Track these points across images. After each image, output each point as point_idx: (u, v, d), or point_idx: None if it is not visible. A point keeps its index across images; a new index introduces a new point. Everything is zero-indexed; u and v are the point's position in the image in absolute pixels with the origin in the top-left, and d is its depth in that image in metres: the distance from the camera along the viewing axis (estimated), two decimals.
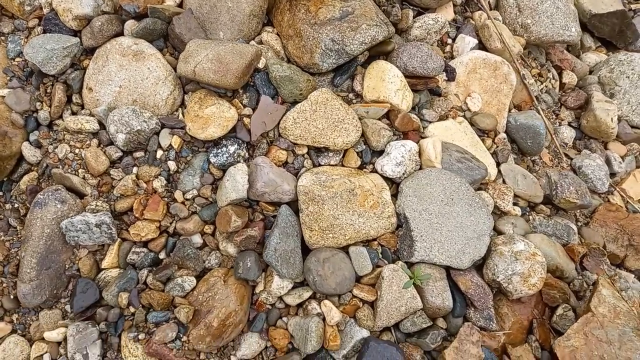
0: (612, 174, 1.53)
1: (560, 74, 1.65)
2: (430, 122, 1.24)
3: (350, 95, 1.22)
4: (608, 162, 1.52)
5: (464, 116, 1.31)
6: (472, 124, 1.30)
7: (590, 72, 1.73)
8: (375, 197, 1.07)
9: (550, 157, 1.46)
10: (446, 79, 1.30)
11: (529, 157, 1.39)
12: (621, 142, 1.61)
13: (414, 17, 1.31)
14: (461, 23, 1.43)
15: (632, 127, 1.62)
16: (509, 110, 1.38)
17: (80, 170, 1.06)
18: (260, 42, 1.21)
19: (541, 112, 1.43)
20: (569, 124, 1.57)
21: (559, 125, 1.54)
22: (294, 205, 1.07)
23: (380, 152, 1.15)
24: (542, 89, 1.56)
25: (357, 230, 1.05)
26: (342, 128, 1.10)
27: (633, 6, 2.03)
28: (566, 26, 1.52)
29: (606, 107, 1.51)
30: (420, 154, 1.14)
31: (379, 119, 1.17)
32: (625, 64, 1.66)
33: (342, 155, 1.13)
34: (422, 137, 1.20)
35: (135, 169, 1.07)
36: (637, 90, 1.63)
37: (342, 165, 1.13)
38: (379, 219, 1.07)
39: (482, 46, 1.41)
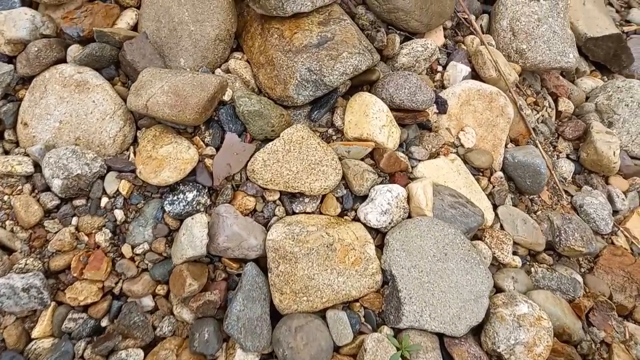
0: (615, 211, 1.40)
1: (556, 101, 1.53)
2: (419, 160, 1.10)
3: (330, 130, 1.08)
4: (610, 199, 1.39)
5: (456, 153, 1.18)
6: (465, 162, 1.17)
7: (587, 99, 1.63)
8: (357, 253, 0.93)
9: (549, 194, 1.33)
10: (437, 111, 1.17)
11: (527, 197, 1.26)
12: (622, 176, 1.49)
13: (400, 43, 1.18)
14: (452, 49, 1.31)
15: (632, 157, 1.51)
16: (506, 145, 1.25)
17: (8, 222, 0.89)
18: (228, 71, 1.07)
19: (540, 147, 1.30)
20: (568, 157, 1.45)
21: (557, 158, 1.42)
22: (263, 261, 0.92)
23: (364, 198, 1.01)
24: (538, 118, 1.44)
25: (336, 291, 0.90)
26: (319, 171, 0.95)
27: (625, 28, 1.95)
28: (564, 52, 1.41)
29: (607, 139, 1.40)
30: (408, 199, 1.00)
31: (362, 159, 1.03)
32: (623, 91, 1.55)
33: (319, 201, 0.98)
34: (411, 179, 1.06)
35: (74, 220, 0.91)
36: (637, 118, 1.52)
37: (320, 213, 0.99)
38: (361, 277, 0.92)
39: (475, 74, 1.28)
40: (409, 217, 1.00)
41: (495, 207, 1.14)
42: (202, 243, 0.87)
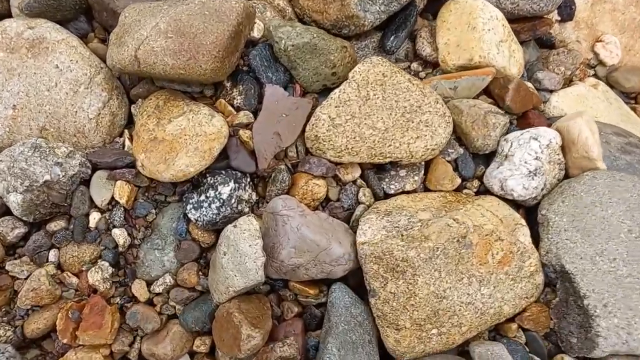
0: None
1: None
2: (552, 90, 0.73)
3: (414, 65, 0.71)
4: None
5: (595, 75, 0.80)
6: (610, 86, 0.80)
7: None
8: (506, 244, 0.57)
9: None
10: (559, 18, 0.79)
11: None
12: None
13: None
14: None
15: None
16: None
17: None
18: None
19: None
20: None
21: None
22: (355, 278, 0.57)
23: (488, 157, 0.65)
24: None
25: (481, 311, 0.55)
26: (420, 122, 0.59)
27: None
28: None
29: None
30: (562, 148, 0.63)
31: (476, 97, 0.67)
32: None
33: (422, 171, 0.62)
34: (548, 119, 0.69)
35: (53, 254, 0.58)
36: None
37: (427, 190, 0.63)
38: (514, 283, 0.57)
39: None
40: (566, 176, 0.64)
41: None
42: (257, 264, 0.53)
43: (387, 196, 0.62)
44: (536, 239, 0.60)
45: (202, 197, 0.58)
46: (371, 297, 0.54)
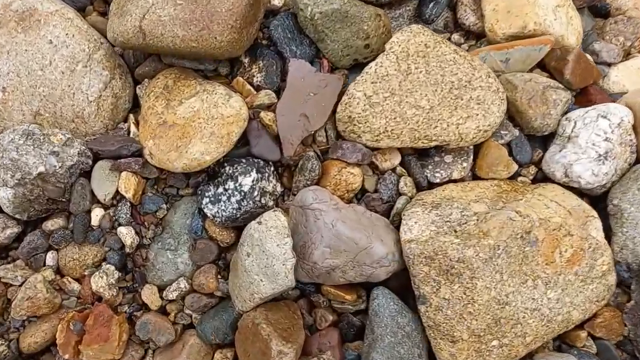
0: None
1: None
2: (610, 64, 0.64)
3: (455, 36, 0.63)
4: None
5: None
6: None
7: None
8: (575, 240, 0.48)
9: None
10: None
11: None
12: None
13: None
14: None
15: None
16: None
17: None
18: None
19: None
20: None
21: None
22: (399, 282, 0.50)
23: (544, 139, 0.56)
24: None
25: (548, 318, 0.47)
26: (470, 99, 0.51)
27: None
28: None
29: None
30: (634, 128, 0.54)
31: (530, 70, 0.58)
32: None
33: (472, 157, 0.54)
34: (610, 95, 0.61)
35: (51, 257, 0.51)
36: None
37: (477, 178, 0.55)
38: (585, 285, 0.49)
39: None
40: (637, 160, 0.55)
41: None
42: (287, 267, 0.45)
43: (430, 186, 0.54)
44: (606, 233, 0.52)
45: (220, 190, 0.50)
46: (421, 303, 0.46)
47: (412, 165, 0.53)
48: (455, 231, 0.47)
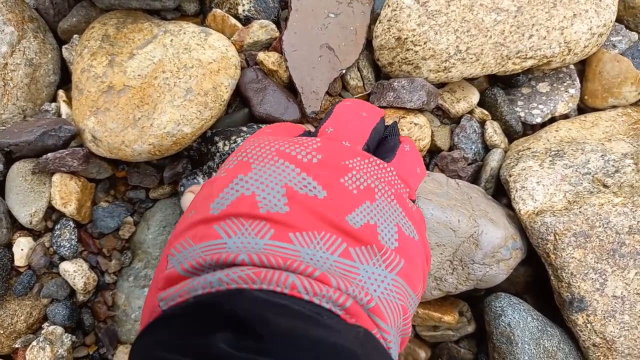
0: None
1: None
2: None
3: None
4: None
5: None
6: None
7: None
8: None
9: None
10: None
11: None
12: None
13: None
14: None
15: None
16: None
17: None
18: None
19: None
20: None
21: None
22: (507, 281, 0.31)
23: None
24: None
25: None
26: None
27: None
28: None
29: None
30: None
31: None
32: None
33: (577, 78, 0.36)
34: None
35: None
36: None
37: (589, 109, 0.37)
38: None
39: None
40: None
41: None
42: None
43: (525, 130, 0.36)
44: None
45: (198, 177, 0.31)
46: (575, 311, 0.28)
47: (499, 102, 0.35)
48: (606, 185, 0.29)
